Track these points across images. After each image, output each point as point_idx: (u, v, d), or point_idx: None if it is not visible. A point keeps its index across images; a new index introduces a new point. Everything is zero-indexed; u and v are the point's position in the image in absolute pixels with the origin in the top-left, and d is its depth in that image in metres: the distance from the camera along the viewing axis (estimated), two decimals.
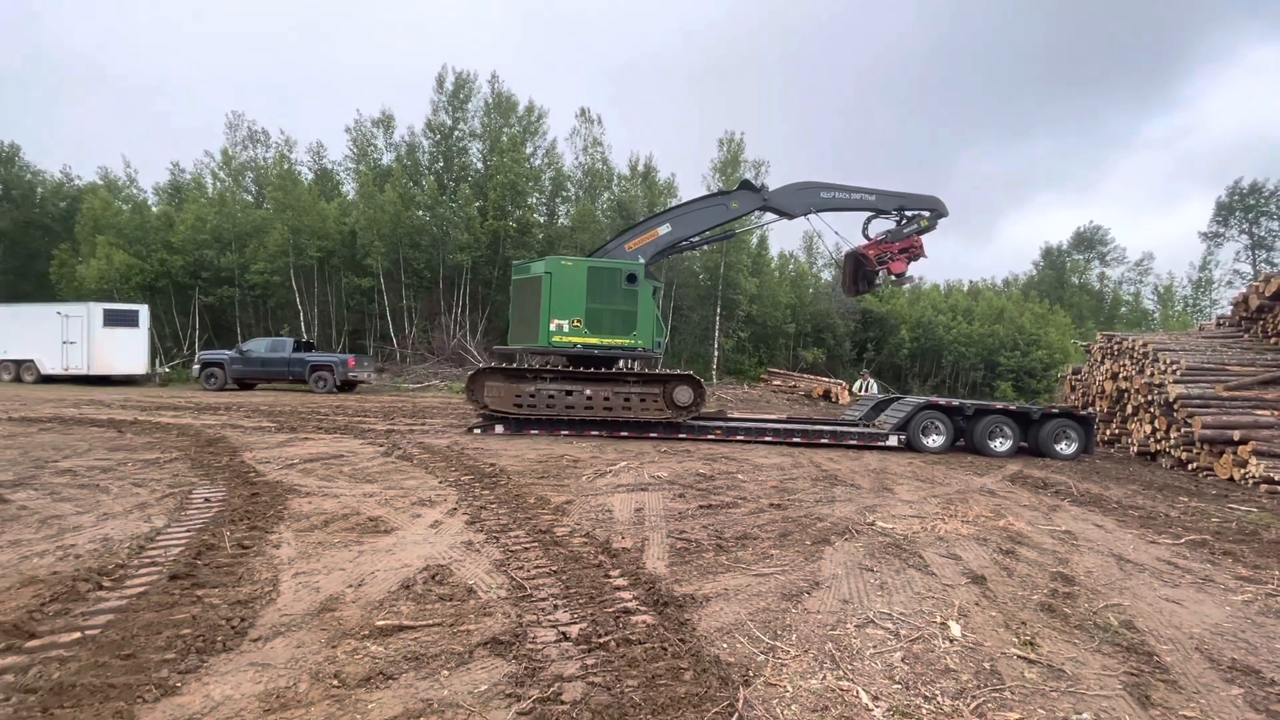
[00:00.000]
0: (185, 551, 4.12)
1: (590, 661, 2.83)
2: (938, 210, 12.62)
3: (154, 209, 31.24)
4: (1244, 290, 14.26)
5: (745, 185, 12.67)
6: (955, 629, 3.33)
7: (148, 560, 3.96)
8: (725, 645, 3.07)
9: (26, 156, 33.14)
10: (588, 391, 11.03)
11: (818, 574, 4.18)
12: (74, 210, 30.59)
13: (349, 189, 32.99)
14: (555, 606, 3.48)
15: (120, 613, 3.16)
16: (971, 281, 48.94)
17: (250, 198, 31.79)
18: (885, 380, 34.49)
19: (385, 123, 32.44)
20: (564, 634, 3.12)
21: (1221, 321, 14.98)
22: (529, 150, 32.66)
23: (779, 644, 3.11)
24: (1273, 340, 12.97)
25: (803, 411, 21.21)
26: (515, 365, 11.60)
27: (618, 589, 3.77)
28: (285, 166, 30.86)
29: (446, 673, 2.73)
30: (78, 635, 2.90)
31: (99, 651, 2.75)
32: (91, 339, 20.87)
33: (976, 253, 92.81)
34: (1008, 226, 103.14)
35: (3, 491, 5.50)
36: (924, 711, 2.53)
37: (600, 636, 3.09)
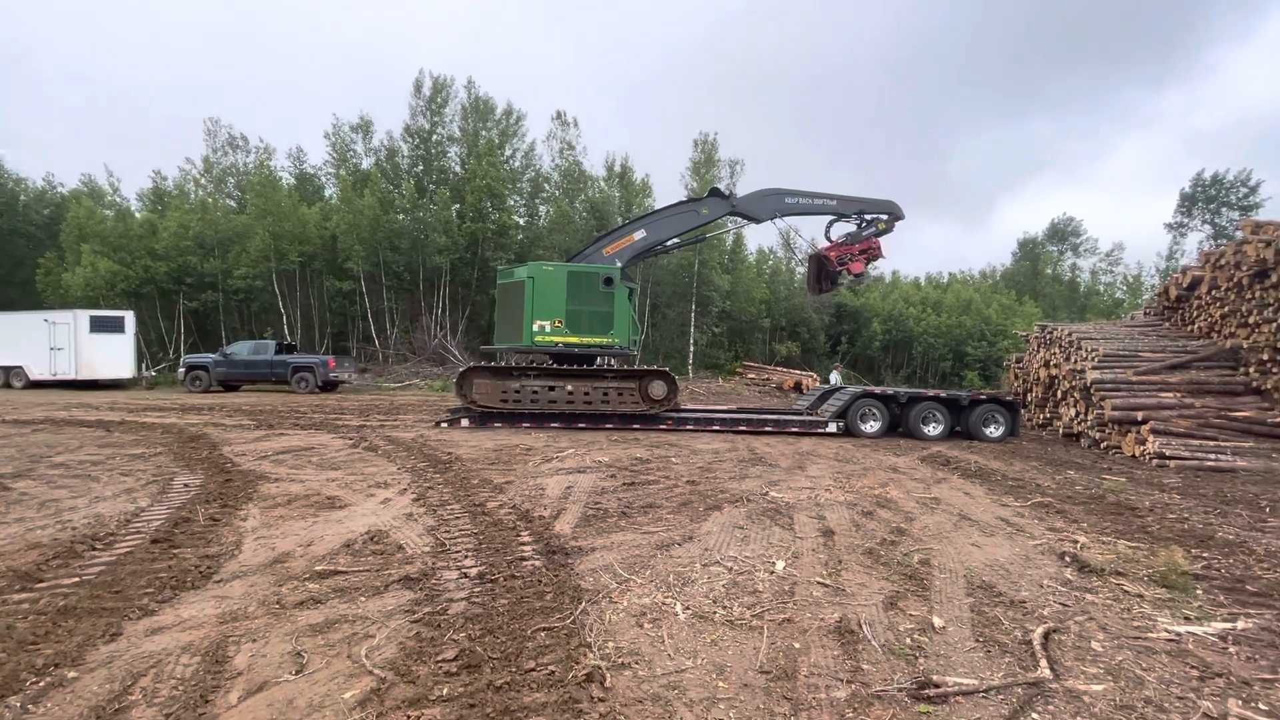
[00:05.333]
0: (165, 524, 4.92)
1: (478, 590, 3.67)
2: (894, 214, 13.62)
3: (138, 215, 31.71)
4: (1165, 283, 15.29)
5: (715, 192, 13.55)
6: (780, 566, 4.19)
7: (133, 530, 4.76)
8: (590, 579, 3.92)
9: (8, 164, 33.53)
10: (569, 387, 11.90)
11: (695, 531, 5.03)
12: (57, 218, 31.01)
13: (331, 193, 33.55)
14: (466, 556, 4.31)
15: (110, 565, 3.97)
16: (952, 273, 50.17)
17: (233, 203, 32.31)
18: (859, 371, 35.53)
19: (364, 128, 33.01)
20: (464, 573, 3.95)
21: (1148, 311, 16.02)
22: (508, 153, 33.36)
23: (633, 578, 3.95)
24: (1189, 329, 13.99)
25: (771, 403, 22.15)
26: (503, 363, 12.42)
27: (522, 544, 4.61)
28: (265, 173, 31.40)
29: (364, 599, 3.56)
30: (77, 580, 3.71)
31: (94, 589, 3.56)
32: (78, 345, 21.47)
33: (974, 239, 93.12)
34: (1007, 210, 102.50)
35: (4, 481, 6.27)
36: (718, 616, 3.39)
37: (493, 575, 3.93)
